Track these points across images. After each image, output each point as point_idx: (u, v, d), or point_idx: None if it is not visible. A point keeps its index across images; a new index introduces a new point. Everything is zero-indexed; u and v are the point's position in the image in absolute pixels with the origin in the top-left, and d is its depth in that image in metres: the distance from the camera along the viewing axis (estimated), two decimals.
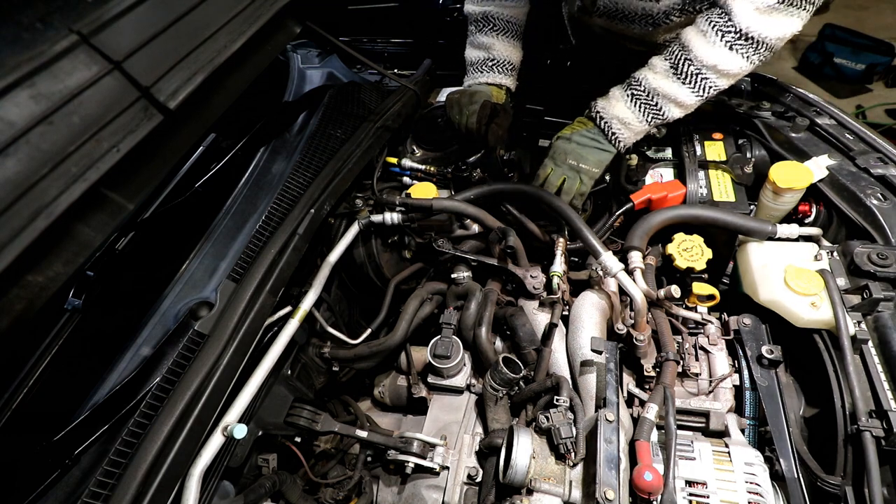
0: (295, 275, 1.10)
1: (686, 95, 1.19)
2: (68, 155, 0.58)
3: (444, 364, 1.15)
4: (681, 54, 1.17)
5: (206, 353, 0.89)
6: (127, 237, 1.39)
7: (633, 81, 1.25)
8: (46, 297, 0.61)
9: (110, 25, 0.64)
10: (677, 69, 1.18)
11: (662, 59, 1.21)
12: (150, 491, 0.76)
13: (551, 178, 1.33)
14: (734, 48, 1.10)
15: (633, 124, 1.26)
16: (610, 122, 1.28)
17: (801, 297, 1.08)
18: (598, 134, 1.30)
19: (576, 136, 1.33)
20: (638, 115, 1.25)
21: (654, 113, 1.24)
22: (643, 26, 1.42)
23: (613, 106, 1.27)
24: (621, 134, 1.28)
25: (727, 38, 1.10)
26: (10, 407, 1.09)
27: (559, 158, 1.33)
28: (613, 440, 0.87)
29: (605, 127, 1.29)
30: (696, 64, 1.15)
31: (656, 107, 1.23)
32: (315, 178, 1.22)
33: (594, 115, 1.31)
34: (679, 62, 1.17)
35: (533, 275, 1.24)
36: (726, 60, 1.12)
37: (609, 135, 1.29)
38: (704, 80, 1.17)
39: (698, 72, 1.16)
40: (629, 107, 1.25)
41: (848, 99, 3.83)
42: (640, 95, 1.23)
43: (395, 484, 1.11)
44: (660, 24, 1.38)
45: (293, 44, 1.81)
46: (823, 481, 0.93)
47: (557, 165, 1.33)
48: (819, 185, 1.24)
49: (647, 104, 1.23)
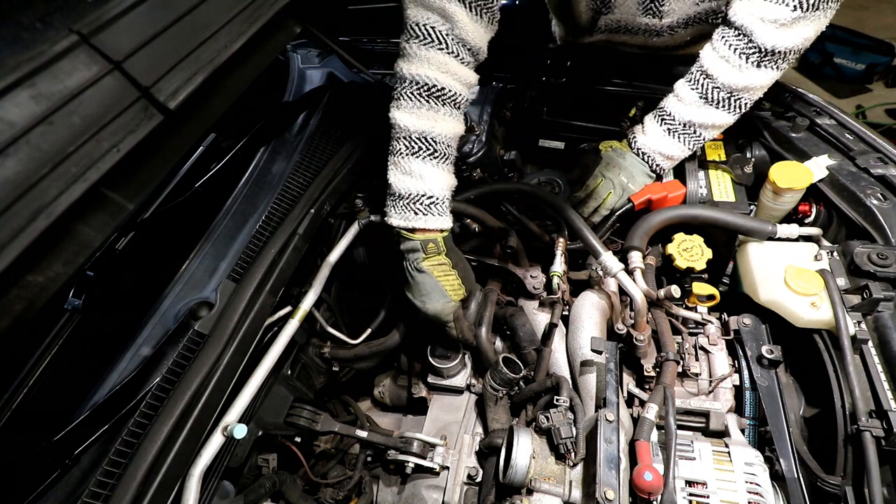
0: (295, 275, 1.10)
1: (723, 118, 1.20)
2: (68, 155, 0.58)
3: (444, 364, 1.15)
4: (707, 83, 1.16)
5: (206, 353, 0.89)
6: (127, 237, 1.39)
7: (666, 116, 1.25)
8: (46, 297, 0.61)
9: (110, 25, 0.64)
10: (707, 98, 1.18)
11: (689, 88, 1.20)
12: (150, 491, 0.76)
13: (600, 189, 1.32)
14: (762, 65, 1.09)
15: (676, 154, 1.28)
16: (653, 156, 1.30)
17: (801, 297, 1.08)
18: (643, 162, 1.32)
19: (629, 156, 1.33)
20: (680, 146, 1.26)
21: (695, 140, 1.25)
22: (646, 37, 1.41)
23: (654, 141, 1.28)
24: (665, 164, 1.31)
25: (752, 59, 1.09)
26: (10, 407, 1.09)
27: (612, 172, 1.33)
28: (613, 440, 0.87)
29: (649, 161, 1.31)
30: (725, 91, 1.15)
31: (695, 134, 1.24)
32: (315, 178, 1.22)
33: (635, 150, 1.32)
34: (707, 91, 1.17)
35: (533, 275, 1.24)
36: (756, 78, 1.11)
37: (654, 165, 1.31)
38: (738, 101, 1.17)
39: (729, 95, 1.16)
40: (669, 140, 1.26)
41: (848, 99, 3.83)
42: (677, 128, 1.25)
43: (395, 484, 1.12)
44: (663, 35, 1.38)
45: (293, 44, 1.81)
46: (823, 481, 0.93)
47: (609, 178, 1.32)
48: (819, 185, 1.24)
49: (685, 134, 1.25)
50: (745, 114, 1.43)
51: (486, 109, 1.59)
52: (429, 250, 1.06)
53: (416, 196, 1.05)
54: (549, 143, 1.69)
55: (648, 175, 1.33)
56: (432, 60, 1.02)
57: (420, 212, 1.05)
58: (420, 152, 1.04)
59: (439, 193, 1.06)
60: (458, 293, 1.10)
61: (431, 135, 1.04)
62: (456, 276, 1.10)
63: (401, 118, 1.04)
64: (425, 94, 1.03)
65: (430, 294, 1.07)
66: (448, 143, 1.08)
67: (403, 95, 1.04)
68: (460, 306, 1.11)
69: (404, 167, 1.05)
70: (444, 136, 1.06)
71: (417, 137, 1.04)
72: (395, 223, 1.06)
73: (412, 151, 1.04)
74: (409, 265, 1.08)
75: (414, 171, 1.04)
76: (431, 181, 1.05)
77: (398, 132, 1.05)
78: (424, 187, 1.04)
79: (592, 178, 1.35)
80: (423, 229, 1.05)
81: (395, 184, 1.06)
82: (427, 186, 1.05)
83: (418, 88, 1.03)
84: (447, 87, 1.04)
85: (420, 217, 1.05)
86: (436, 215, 1.06)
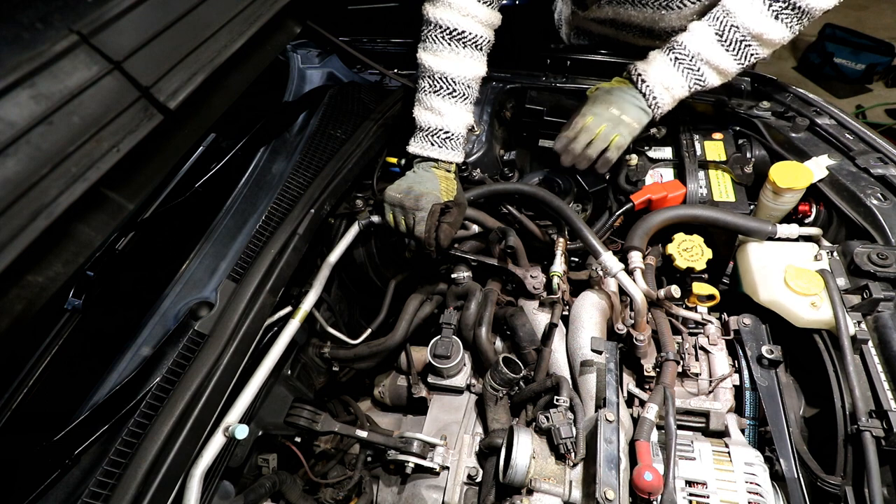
0: (295, 275, 1.10)
1: (729, 63, 1.19)
2: (68, 155, 0.58)
3: (444, 364, 1.15)
4: (726, 20, 1.16)
5: (206, 353, 0.89)
6: (127, 237, 1.39)
7: (677, 45, 1.21)
8: (46, 297, 0.61)
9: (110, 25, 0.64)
10: (722, 36, 1.16)
11: (706, 24, 1.19)
12: (150, 491, 0.76)
13: (590, 124, 1.23)
14: (780, 17, 1.11)
15: (676, 89, 1.22)
16: (653, 86, 1.23)
17: (801, 297, 1.08)
18: (639, 95, 1.25)
19: (616, 90, 1.27)
20: (681, 80, 1.21)
21: (697, 78, 1.21)
22: (656, 9, 1.39)
23: (656, 70, 1.23)
24: (662, 99, 1.23)
25: (774, 6, 1.10)
26: (10, 407, 1.09)
27: (600, 106, 1.25)
28: (613, 440, 0.87)
29: (646, 91, 1.23)
30: (742, 31, 1.15)
31: (699, 72, 1.21)
32: (315, 178, 1.22)
33: (635, 78, 1.25)
34: (724, 28, 1.16)
35: (533, 275, 1.24)
36: (772, 29, 1.12)
37: (650, 99, 1.23)
38: (748, 48, 1.16)
39: (743, 39, 1.15)
40: (673, 71, 1.22)
41: (848, 99, 3.83)
42: (684, 60, 1.20)
43: (395, 484, 1.11)
44: (672, 8, 1.37)
45: (293, 44, 1.81)
46: (823, 481, 0.93)
47: (598, 113, 1.24)
48: (819, 185, 1.24)
49: (690, 69, 1.21)
50: (745, 114, 1.44)
51: (486, 109, 1.59)
52: (439, 166, 1.23)
53: (435, 130, 1.22)
54: (549, 143, 1.68)
55: (643, 109, 1.24)
56: (454, 4, 1.16)
57: (437, 143, 1.22)
58: (441, 91, 1.21)
59: (455, 130, 1.23)
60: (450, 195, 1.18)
61: (452, 75, 1.20)
62: (455, 186, 1.21)
63: (426, 59, 1.21)
64: (447, 37, 1.18)
65: (424, 183, 1.17)
66: (468, 84, 1.22)
67: (428, 38, 1.20)
68: (441, 206, 1.15)
69: (427, 103, 1.22)
70: (464, 77, 1.21)
71: (439, 77, 1.20)
72: (414, 150, 1.24)
73: (434, 90, 1.21)
74: (417, 166, 1.23)
75: (435, 107, 1.21)
76: (449, 118, 1.22)
77: (423, 71, 1.22)
78: (443, 123, 1.22)
79: (579, 115, 1.27)
80: (437, 160, 1.23)
81: (418, 117, 1.24)
82: (445, 122, 1.22)
83: (441, 32, 1.17)
84: (468, 31, 1.17)
85: (436, 148, 1.23)
86: (449, 149, 1.23)
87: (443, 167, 1.23)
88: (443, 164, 1.23)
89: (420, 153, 1.23)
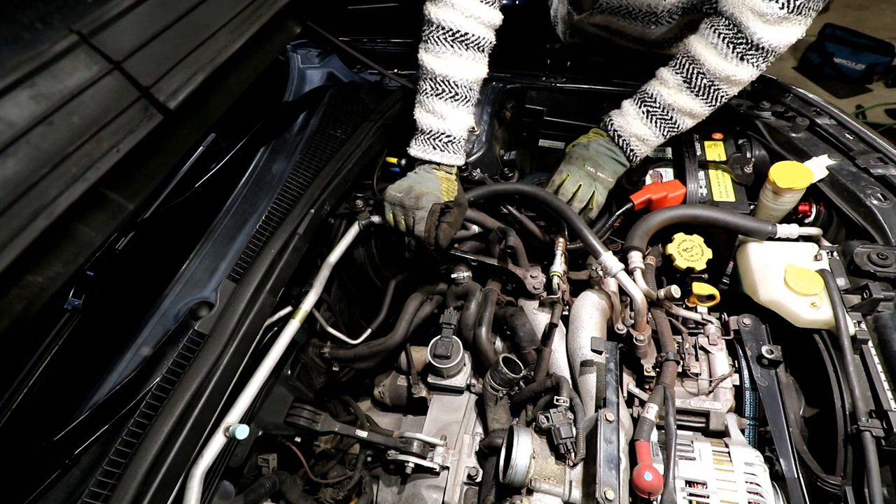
0: (295, 275, 1.10)
1: (700, 107, 1.20)
2: (68, 155, 0.58)
3: (444, 364, 1.15)
4: (692, 68, 1.17)
5: (206, 353, 0.89)
6: (127, 237, 1.39)
7: (647, 97, 1.25)
8: (46, 297, 0.61)
9: (110, 25, 0.64)
10: (690, 83, 1.18)
11: (673, 71, 1.21)
12: (150, 491, 0.76)
13: (567, 184, 1.29)
14: (745, 58, 1.10)
15: (650, 139, 1.27)
16: (628, 139, 1.28)
17: (801, 297, 1.08)
18: (615, 147, 1.30)
19: (593, 144, 1.32)
20: (654, 131, 1.25)
21: (670, 127, 1.25)
22: (644, 24, 1.41)
23: (630, 123, 1.27)
24: (638, 150, 1.29)
25: (738, 49, 1.10)
26: (10, 407, 1.09)
27: (576, 164, 1.31)
28: (613, 440, 0.87)
29: (623, 144, 1.29)
30: (709, 77, 1.15)
31: (671, 121, 1.24)
32: (315, 178, 1.22)
33: (611, 132, 1.31)
34: (691, 76, 1.17)
35: (533, 275, 1.24)
36: (738, 71, 1.12)
37: (627, 151, 1.29)
38: (717, 91, 1.17)
39: (711, 84, 1.16)
40: (645, 123, 1.25)
41: (848, 99, 3.83)
42: (655, 112, 1.24)
43: (395, 484, 1.11)
44: (661, 23, 1.38)
45: (293, 44, 1.81)
46: (823, 481, 0.93)
47: (573, 172, 1.30)
48: (819, 185, 1.24)
49: (662, 119, 1.24)
50: (745, 114, 1.44)
51: (486, 109, 1.59)
52: (441, 168, 1.22)
53: (437, 133, 1.20)
54: (549, 143, 1.69)
55: (619, 161, 1.30)
56: (457, 5, 1.13)
57: (438, 147, 1.21)
58: (443, 94, 1.18)
59: (457, 133, 1.21)
60: (450, 196, 1.18)
61: (454, 78, 1.17)
62: (456, 187, 1.21)
63: (427, 60, 1.18)
64: (450, 39, 1.15)
65: (424, 182, 1.16)
66: (470, 87, 1.20)
67: (430, 38, 1.17)
68: (441, 206, 1.15)
69: (428, 106, 1.20)
70: (466, 80, 1.19)
71: (441, 80, 1.18)
72: (416, 153, 1.22)
73: (436, 92, 1.19)
74: (419, 167, 1.22)
75: (437, 110, 1.19)
76: (451, 121, 1.20)
77: (425, 73, 1.19)
78: (445, 126, 1.20)
79: (557, 173, 1.33)
80: (439, 163, 1.22)
81: (420, 119, 1.22)
82: (447, 126, 1.20)
83: (443, 33, 1.15)
84: (470, 32, 1.15)
85: (438, 152, 1.21)
86: (451, 153, 1.22)
87: (444, 169, 1.22)
88: (444, 166, 1.23)
89: (422, 157, 1.22)
